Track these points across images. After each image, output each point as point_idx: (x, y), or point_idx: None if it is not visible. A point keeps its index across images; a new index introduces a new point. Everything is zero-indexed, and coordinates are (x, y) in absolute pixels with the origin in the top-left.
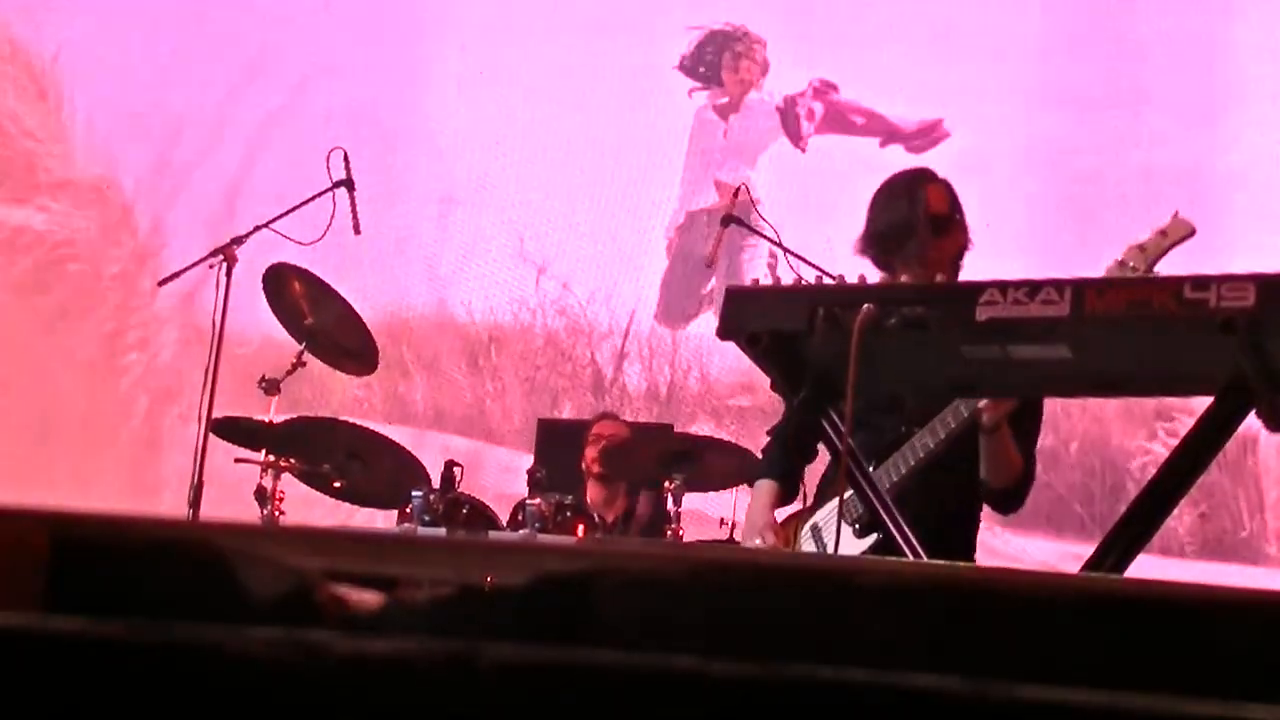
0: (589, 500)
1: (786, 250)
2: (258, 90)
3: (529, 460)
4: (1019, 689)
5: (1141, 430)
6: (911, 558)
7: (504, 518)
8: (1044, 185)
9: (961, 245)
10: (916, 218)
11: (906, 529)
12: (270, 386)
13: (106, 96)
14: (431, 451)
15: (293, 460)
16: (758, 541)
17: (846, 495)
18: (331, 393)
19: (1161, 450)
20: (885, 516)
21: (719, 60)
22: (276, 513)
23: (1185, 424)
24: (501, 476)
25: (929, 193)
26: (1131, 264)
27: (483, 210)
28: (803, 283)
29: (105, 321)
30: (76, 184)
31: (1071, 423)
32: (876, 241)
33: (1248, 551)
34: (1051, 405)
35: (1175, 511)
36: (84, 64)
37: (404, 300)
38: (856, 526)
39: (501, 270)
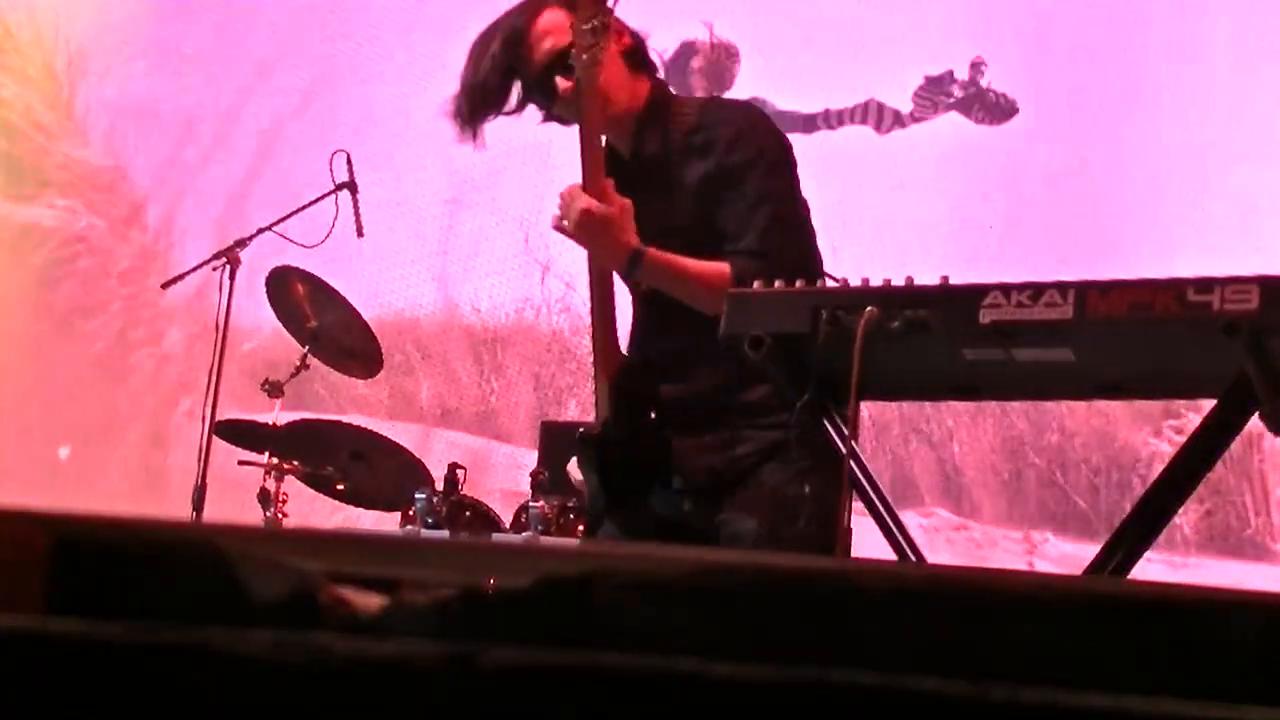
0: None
1: None
2: (268, 91)
3: (535, 458)
4: (1022, 691)
5: (1148, 427)
6: (913, 558)
7: (509, 516)
8: (1046, 185)
9: (615, 57)
10: (529, 72)
11: (908, 530)
12: (273, 389)
13: (119, 95)
14: (437, 449)
15: (296, 462)
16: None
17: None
18: (338, 391)
19: (1168, 448)
20: (887, 517)
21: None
22: (279, 515)
23: (1192, 421)
24: (507, 474)
25: (536, 28)
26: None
27: (488, 209)
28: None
29: (114, 319)
30: (87, 181)
31: (1077, 420)
32: (469, 106)
33: (1253, 548)
34: (1057, 403)
35: (1181, 508)
36: (98, 62)
37: (410, 298)
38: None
39: (507, 269)
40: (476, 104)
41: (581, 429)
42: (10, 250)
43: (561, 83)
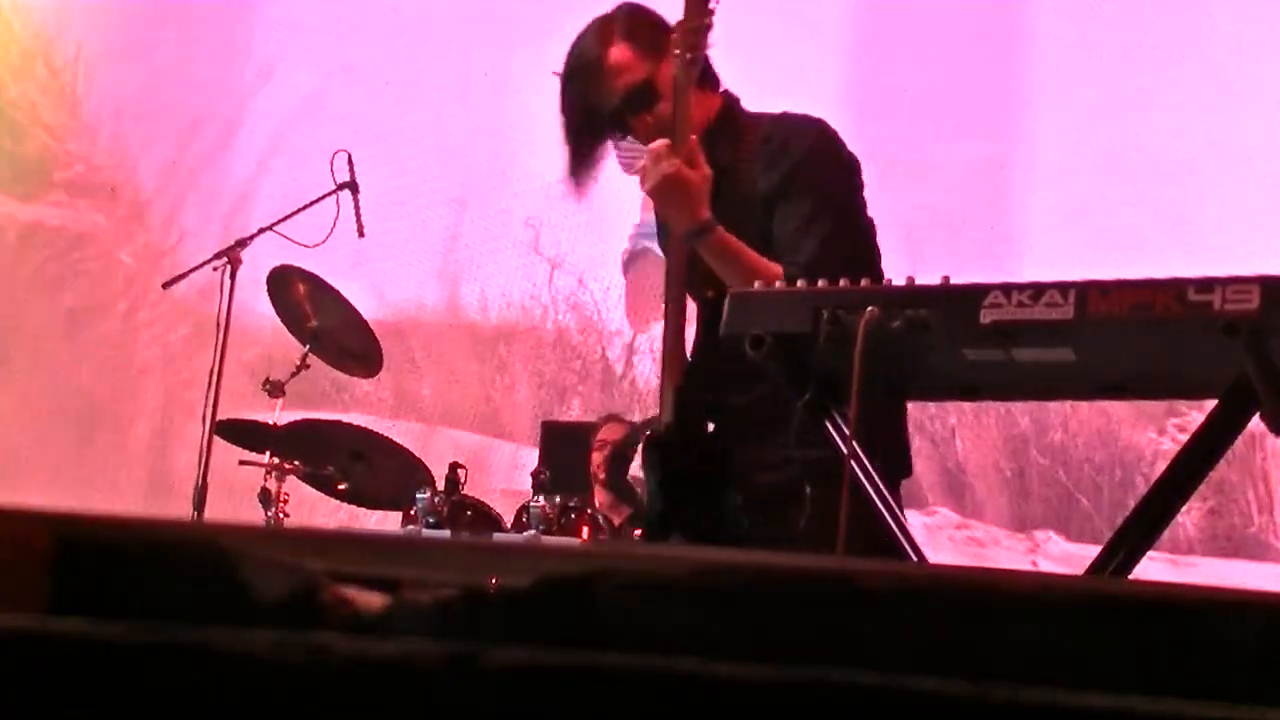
0: (597, 503)
1: None
2: (271, 92)
3: (536, 457)
4: (1023, 691)
5: (1151, 426)
6: (915, 558)
7: (510, 516)
8: (1047, 187)
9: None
10: (606, 113)
11: (910, 531)
12: (274, 388)
13: (124, 95)
14: (438, 449)
15: (297, 462)
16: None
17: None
18: (341, 388)
19: (1171, 446)
20: (888, 518)
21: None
22: (281, 515)
23: (1195, 420)
24: (510, 473)
25: (606, 68)
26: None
27: (495, 207)
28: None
29: (118, 318)
30: (92, 181)
31: (1080, 419)
32: (574, 152)
33: (1256, 547)
34: (1060, 402)
35: (1184, 507)
36: (104, 62)
37: (414, 296)
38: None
39: (510, 267)
40: (585, 150)
41: (649, 431)
42: (14, 249)
43: (635, 122)
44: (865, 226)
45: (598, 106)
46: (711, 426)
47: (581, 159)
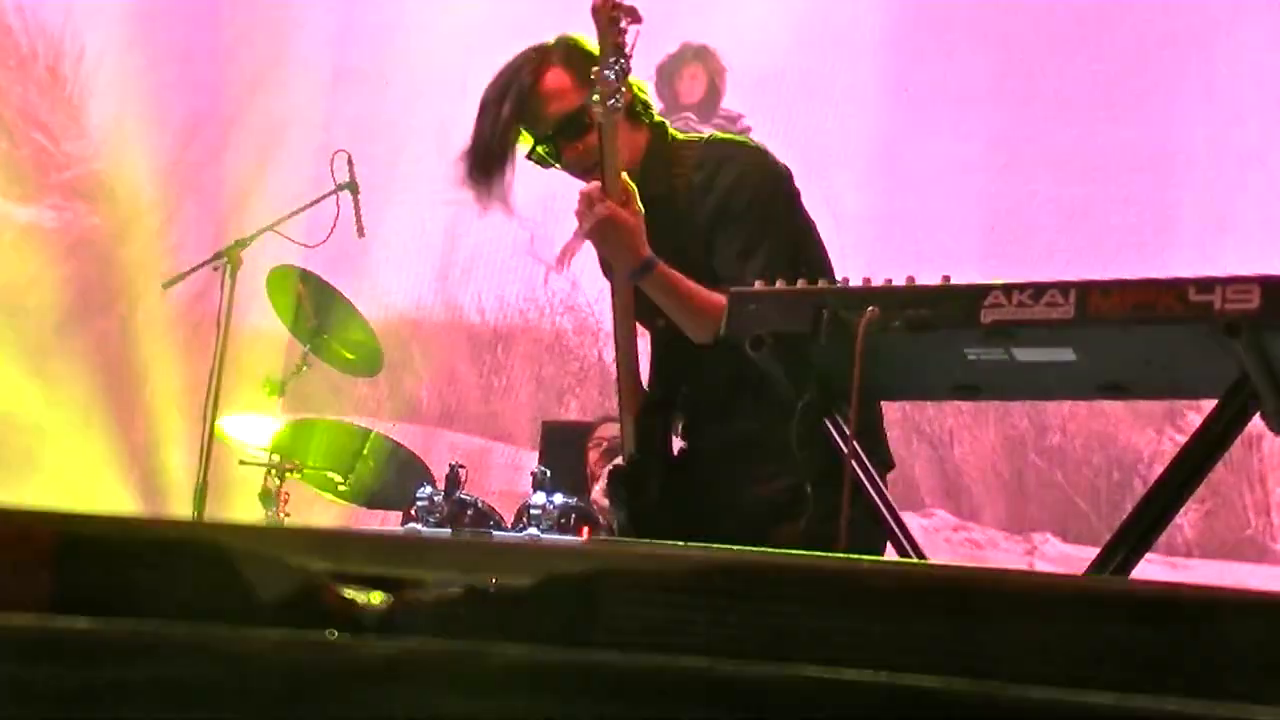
0: (595, 504)
1: None
2: (269, 93)
3: (535, 458)
4: (1024, 690)
5: (1149, 428)
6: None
7: (510, 516)
8: (1049, 187)
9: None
10: (536, 138)
11: (910, 533)
12: (275, 388)
13: (121, 96)
14: (438, 449)
15: (297, 462)
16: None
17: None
18: (340, 390)
19: (1170, 447)
20: (889, 519)
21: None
22: (281, 514)
23: (1193, 421)
24: (508, 474)
25: (541, 92)
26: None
27: (492, 209)
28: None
29: (117, 319)
30: (90, 182)
31: (1078, 421)
32: (472, 163)
33: (1253, 550)
34: (1058, 403)
35: (1181, 509)
36: (102, 63)
37: (411, 298)
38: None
39: (509, 269)
40: (490, 163)
41: (613, 466)
42: (13, 251)
43: (566, 148)
44: (803, 235)
45: (527, 130)
46: (680, 453)
47: (485, 177)
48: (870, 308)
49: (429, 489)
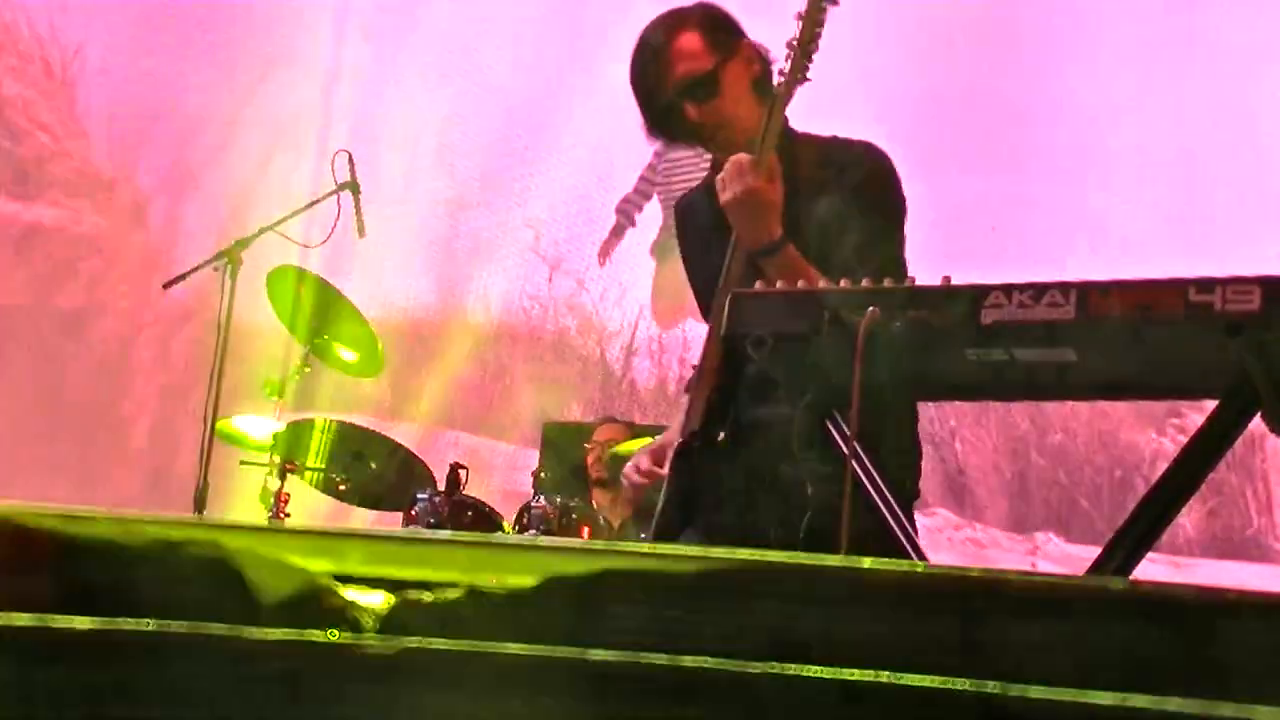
0: (596, 504)
1: None
2: (270, 92)
3: (536, 458)
4: (1027, 689)
5: (1151, 427)
6: (916, 559)
7: (510, 517)
8: (1049, 186)
9: (746, 84)
10: (660, 96)
11: (912, 534)
12: (275, 388)
13: (122, 95)
14: (439, 449)
15: (297, 462)
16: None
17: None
18: (340, 390)
19: (1171, 446)
20: (890, 519)
21: None
22: (282, 515)
23: (1194, 420)
24: (510, 474)
25: (672, 51)
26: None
27: (496, 208)
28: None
29: (117, 319)
30: (89, 181)
31: (1080, 420)
32: (649, 121)
33: (1255, 549)
34: (1060, 403)
35: (1183, 508)
36: (102, 63)
37: (412, 298)
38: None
39: (510, 268)
40: (666, 119)
41: (680, 440)
42: (14, 249)
43: (690, 110)
44: (903, 243)
45: (655, 91)
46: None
47: (669, 132)
48: (871, 308)
49: (429, 490)
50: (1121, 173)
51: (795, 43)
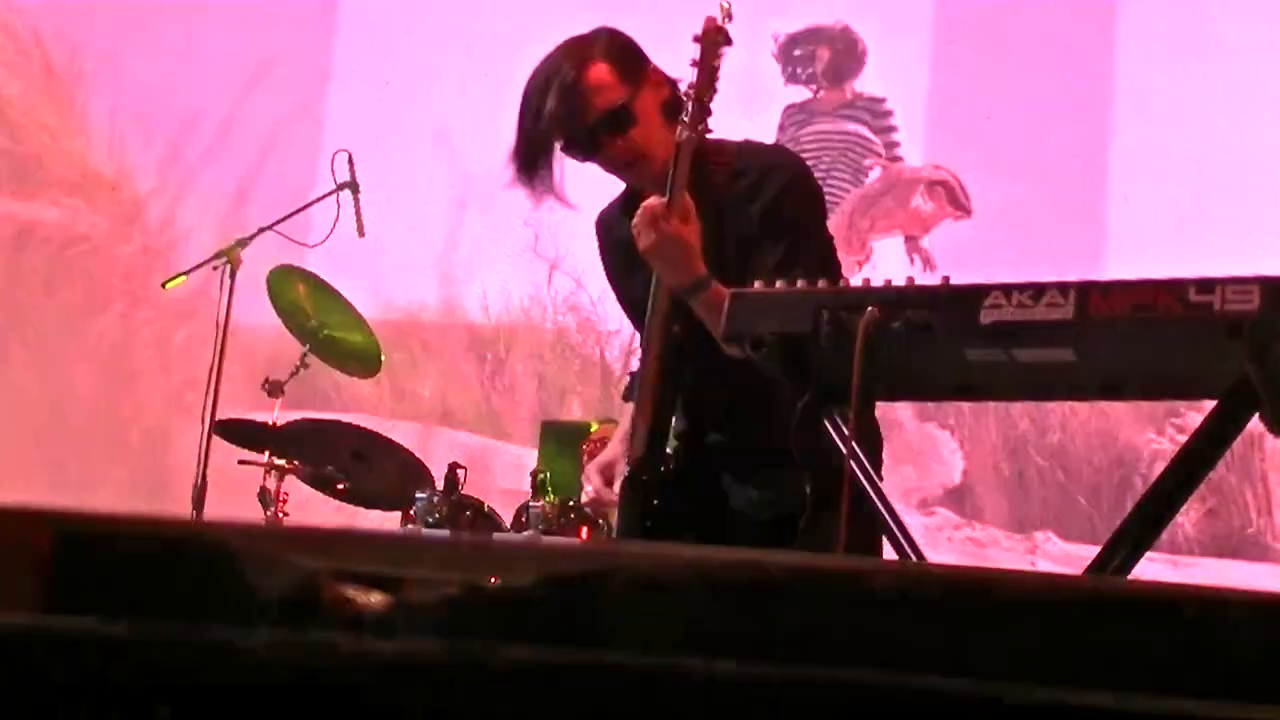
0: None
1: None
2: (269, 90)
3: (535, 457)
4: (1026, 690)
5: (1150, 427)
6: (915, 559)
7: (509, 516)
8: (1050, 187)
9: (657, 110)
10: (577, 129)
11: (909, 532)
12: (274, 388)
13: (121, 93)
14: (438, 449)
15: (296, 462)
16: (587, 487)
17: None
18: (339, 390)
19: (1170, 447)
20: (887, 518)
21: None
22: (280, 514)
23: (1193, 420)
24: (509, 473)
25: (586, 84)
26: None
27: (495, 207)
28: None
29: (116, 318)
30: (88, 179)
31: (1079, 420)
32: (519, 161)
33: (1255, 549)
34: (1059, 403)
35: (1182, 508)
36: (101, 61)
37: (412, 297)
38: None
39: (509, 267)
40: (537, 158)
41: (630, 471)
42: (12, 248)
43: (606, 143)
44: (831, 250)
45: (568, 124)
46: (686, 460)
47: (533, 172)
48: (870, 308)
49: (428, 490)
50: (1121, 173)
51: (692, 89)
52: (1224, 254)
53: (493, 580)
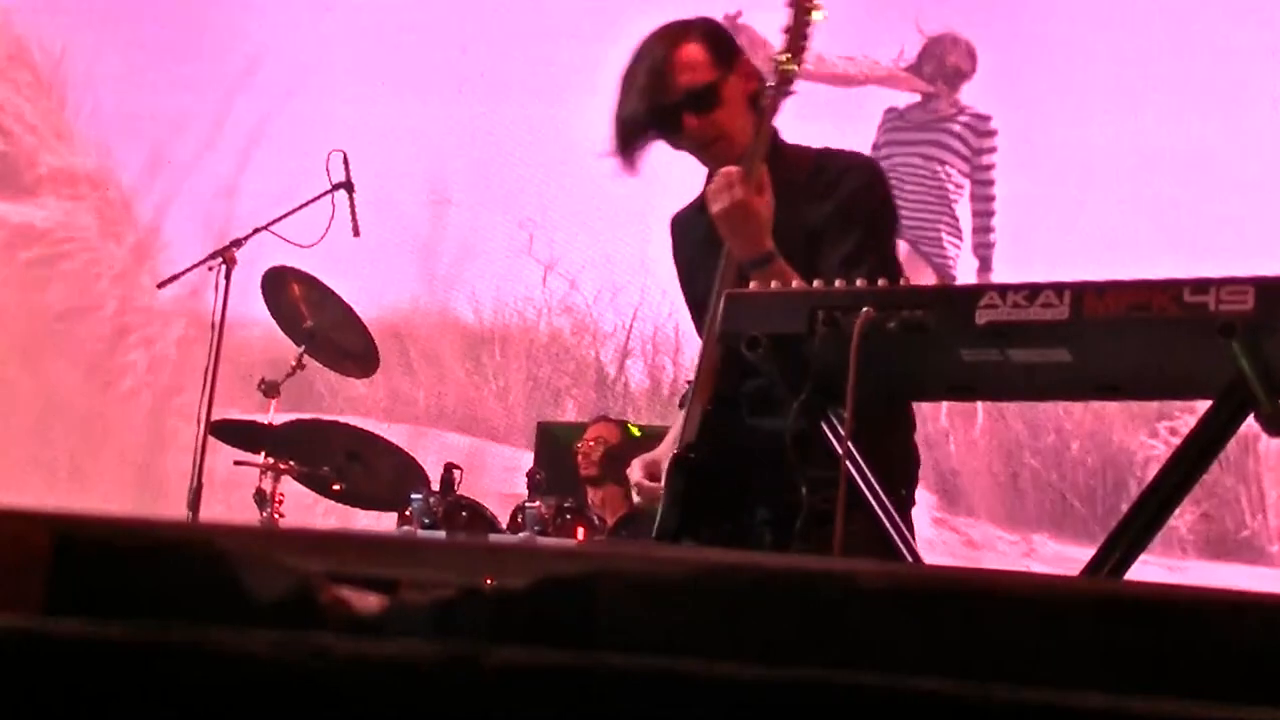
0: (591, 503)
1: None
2: (257, 89)
3: (531, 459)
4: (1022, 691)
5: (1144, 429)
6: (911, 560)
7: (505, 517)
8: (1050, 187)
9: (743, 98)
10: (662, 104)
11: (907, 532)
12: (269, 389)
13: (108, 95)
14: (433, 450)
15: (291, 463)
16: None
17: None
18: (335, 391)
19: (1163, 448)
20: (884, 517)
21: None
22: (276, 515)
23: (1187, 422)
24: (504, 475)
25: (676, 61)
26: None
27: (491, 209)
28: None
29: (107, 319)
30: (78, 181)
31: (1074, 421)
32: (620, 138)
33: (1249, 551)
34: (1053, 404)
35: (1177, 510)
36: (88, 63)
37: (407, 299)
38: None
39: (505, 269)
40: (629, 136)
41: (677, 453)
42: (3, 250)
43: (690, 120)
44: (895, 256)
45: (654, 98)
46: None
47: (629, 149)
48: (865, 308)
49: (423, 491)
50: (1119, 173)
51: (781, 55)
52: (1219, 254)
53: (489, 582)
